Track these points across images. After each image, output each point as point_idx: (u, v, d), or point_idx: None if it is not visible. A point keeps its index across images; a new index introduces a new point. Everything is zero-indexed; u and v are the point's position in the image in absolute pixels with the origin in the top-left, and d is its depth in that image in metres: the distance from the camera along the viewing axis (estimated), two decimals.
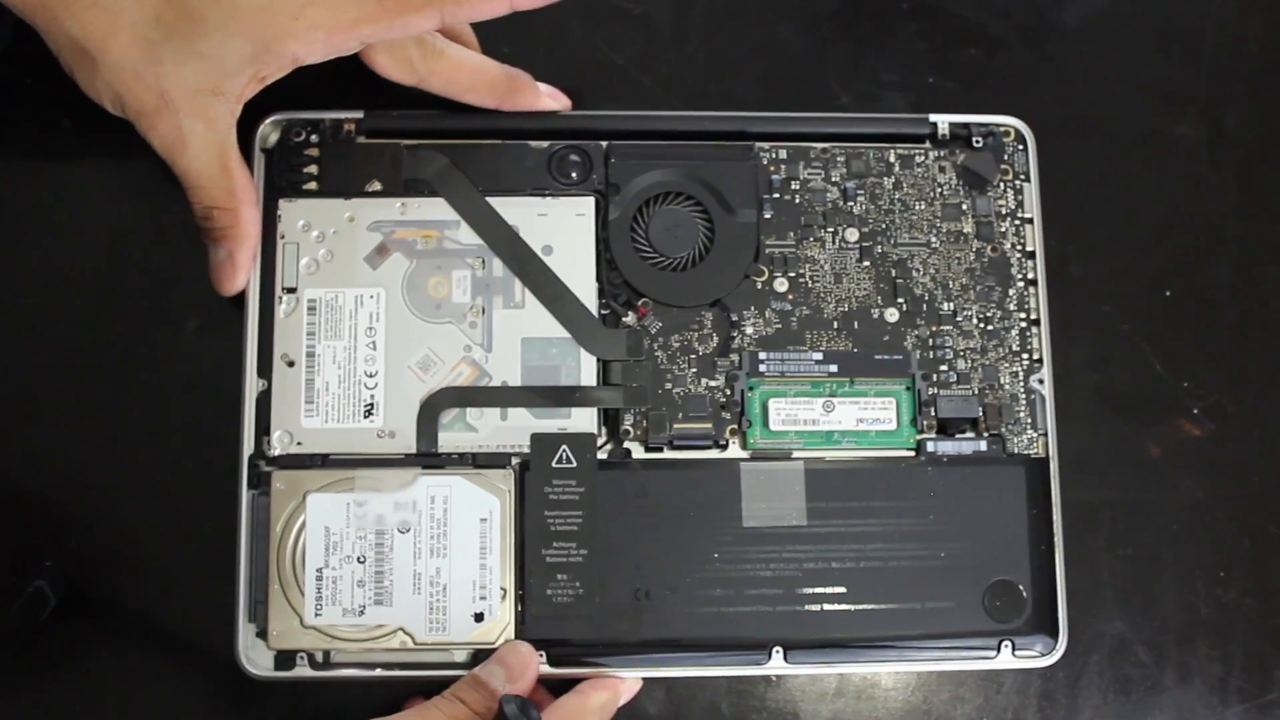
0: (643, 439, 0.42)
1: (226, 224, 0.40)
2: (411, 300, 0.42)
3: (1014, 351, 0.43)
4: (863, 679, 0.43)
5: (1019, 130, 0.45)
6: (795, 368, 0.43)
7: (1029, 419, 0.43)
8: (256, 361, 0.41)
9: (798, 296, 0.43)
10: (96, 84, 0.38)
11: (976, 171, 0.44)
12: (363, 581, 0.40)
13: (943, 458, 0.42)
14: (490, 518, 0.41)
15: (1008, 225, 0.44)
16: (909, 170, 0.44)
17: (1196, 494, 0.45)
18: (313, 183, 0.43)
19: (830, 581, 0.41)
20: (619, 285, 0.43)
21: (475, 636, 0.40)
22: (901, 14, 0.48)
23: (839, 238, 0.44)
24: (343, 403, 0.41)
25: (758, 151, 0.44)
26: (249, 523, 0.40)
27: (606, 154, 0.43)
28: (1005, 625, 0.41)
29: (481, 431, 0.41)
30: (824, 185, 0.44)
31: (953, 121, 0.45)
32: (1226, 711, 0.44)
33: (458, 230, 0.43)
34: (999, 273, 0.44)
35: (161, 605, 0.42)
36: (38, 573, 0.41)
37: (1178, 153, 0.48)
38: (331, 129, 0.43)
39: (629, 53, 0.47)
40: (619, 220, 0.43)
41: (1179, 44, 0.48)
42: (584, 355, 0.42)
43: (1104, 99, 0.48)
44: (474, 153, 0.43)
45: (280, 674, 0.40)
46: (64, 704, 0.41)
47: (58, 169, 0.44)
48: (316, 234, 0.42)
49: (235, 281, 0.41)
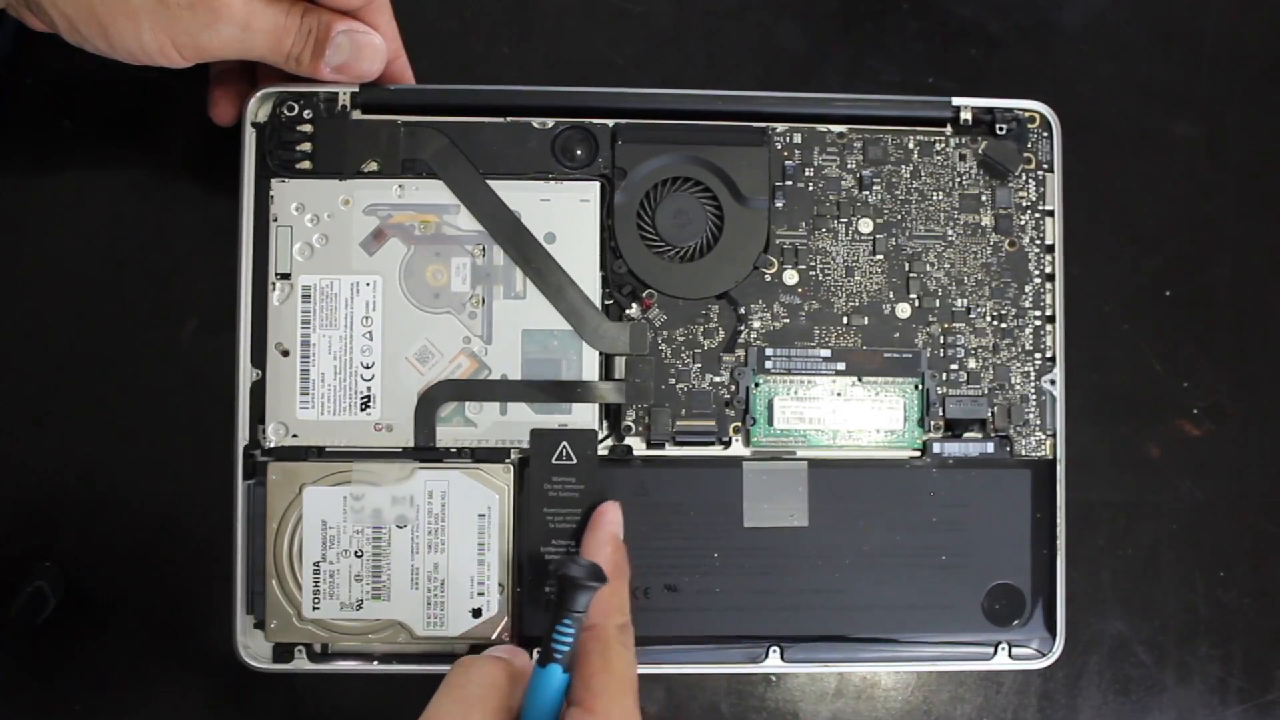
0: (644, 435, 0.41)
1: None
2: (409, 288, 0.41)
3: (1026, 351, 0.42)
4: (863, 679, 0.44)
5: (1044, 116, 0.43)
6: (802, 365, 0.42)
7: (1038, 420, 0.42)
8: (250, 350, 0.40)
9: (808, 290, 0.42)
10: (142, 25, 0.36)
11: (998, 160, 0.42)
12: (360, 576, 0.40)
13: (948, 460, 0.42)
14: (489, 513, 0.40)
15: (1027, 218, 0.43)
16: (928, 158, 0.42)
17: (1196, 494, 0.45)
18: (306, 161, 0.41)
19: (830, 584, 0.41)
20: (623, 275, 0.42)
21: (473, 631, 0.40)
22: (901, 14, 0.46)
23: (852, 229, 0.42)
24: (339, 394, 0.40)
25: (771, 136, 0.42)
26: (245, 513, 0.40)
27: (613, 135, 0.42)
28: (1004, 628, 0.41)
29: (480, 426, 0.41)
30: (839, 173, 0.42)
31: (976, 105, 0.43)
32: (1226, 711, 0.44)
33: (457, 215, 0.41)
34: (1015, 268, 0.42)
35: (161, 603, 0.42)
36: (38, 573, 0.41)
37: (1178, 153, 0.47)
38: (325, 103, 0.41)
39: (629, 53, 0.45)
40: (624, 206, 0.42)
41: (1179, 44, 0.47)
42: (586, 348, 0.41)
43: (1104, 99, 0.47)
44: (475, 132, 0.41)
45: (278, 666, 0.40)
46: (64, 703, 0.42)
47: (58, 169, 0.44)
48: (310, 217, 0.41)
49: (380, 60, 0.40)
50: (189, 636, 0.42)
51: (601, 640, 0.35)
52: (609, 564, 0.37)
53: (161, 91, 0.44)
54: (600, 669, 0.35)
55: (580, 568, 0.35)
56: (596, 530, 0.39)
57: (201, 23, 0.36)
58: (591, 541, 0.39)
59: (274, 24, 0.38)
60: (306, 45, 0.39)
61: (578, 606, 0.35)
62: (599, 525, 0.39)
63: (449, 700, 0.34)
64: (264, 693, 0.42)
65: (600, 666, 0.35)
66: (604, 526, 0.39)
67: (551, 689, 0.34)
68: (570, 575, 0.35)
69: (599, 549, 0.38)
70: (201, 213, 0.43)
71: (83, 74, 0.43)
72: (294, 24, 0.38)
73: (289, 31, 0.38)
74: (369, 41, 0.39)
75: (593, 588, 0.35)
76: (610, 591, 0.36)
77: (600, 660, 0.35)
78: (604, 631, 0.36)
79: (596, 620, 0.36)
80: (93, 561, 0.42)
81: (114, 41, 0.36)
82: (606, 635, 0.36)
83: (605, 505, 0.40)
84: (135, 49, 0.37)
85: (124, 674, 0.42)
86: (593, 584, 0.35)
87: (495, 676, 0.35)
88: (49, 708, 0.41)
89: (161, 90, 0.44)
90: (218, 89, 0.42)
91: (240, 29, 0.37)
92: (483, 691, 0.34)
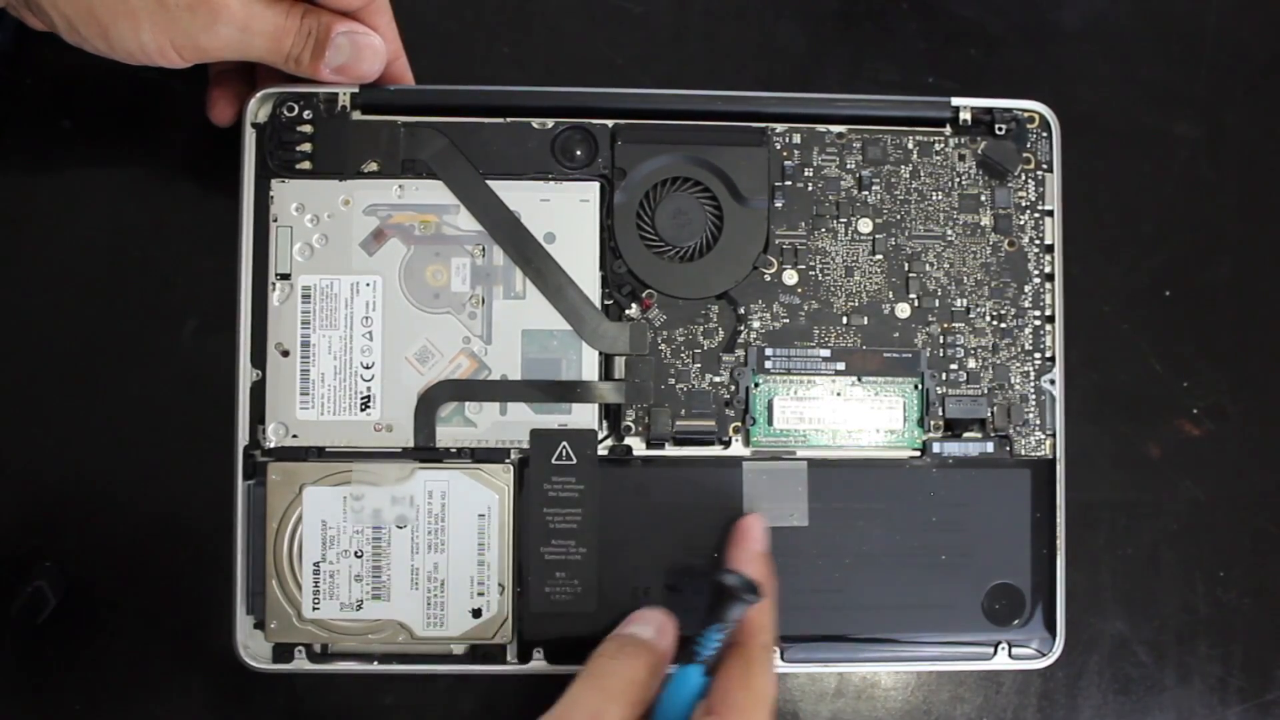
0: (644, 435, 0.41)
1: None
2: (409, 289, 0.41)
3: (1025, 351, 0.42)
4: (863, 679, 0.44)
5: (1044, 116, 0.43)
6: (801, 365, 0.42)
7: (1038, 420, 0.42)
8: (250, 350, 0.40)
9: (807, 290, 0.42)
10: (141, 26, 0.36)
11: (997, 160, 0.42)
12: (360, 576, 0.40)
13: (948, 460, 0.42)
14: (488, 514, 0.40)
15: (1026, 218, 0.43)
16: (927, 158, 0.42)
17: (1196, 494, 0.45)
18: (306, 162, 0.41)
19: (830, 583, 0.41)
20: (623, 275, 0.42)
21: (473, 632, 0.40)
22: (901, 14, 0.46)
23: (851, 229, 0.42)
24: (339, 394, 0.40)
25: (771, 136, 0.42)
26: (245, 513, 0.40)
27: (613, 135, 0.42)
28: (1004, 628, 0.41)
29: (480, 426, 0.41)
30: (839, 173, 0.42)
31: (975, 105, 0.43)
32: (1226, 711, 0.44)
33: (457, 215, 0.41)
34: (1015, 268, 0.42)
35: (161, 603, 0.42)
36: (38, 573, 0.41)
37: (1178, 153, 0.47)
38: (325, 104, 0.41)
39: (629, 53, 0.45)
40: (624, 207, 0.42)
41: (1179, 44, 0.47)
42: (585, 348, 0.41)
43: (1104, 99, 0.47)
44: (475, 132, 0.41)
45: (278, 666, 0.40)
46: (64, 703, 0.42)
47: (58, 169, 0.44)
48: (310, 217, 0.41)
49: (380, 61, 0.40)
50: (189, 636, 0.42)
51: (745, 657, 0.36)
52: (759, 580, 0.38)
53: (161, 91, 0.44)
54: (740, 684, 0.35)
55: (740, 580, 0.36)
56: (744, 545, 0.39)
57: (201, 24, 0.36)
58: (740, 555, 0.39)
59: (273, 25, 0.38)
60: (306, 46, 0.39)
61: (731, 617, 0.36)
62: (747, 540, 0.39)
63: (588, 690, 0.35)
64: (264, 693, 0.42)
65: (741, 682, 0.35)
66: (752, 541, 0.39)
67: (689, 690, 0.35)
68: (729, 585, 0.36)
69: (748, 564, 0.38)
70: (201, 213, 0.43)
71: (83, 74, 0.43)
72: (294, 25, 0.38)
73: (289, 33, 0.38)
74: (369, 43, 0.39)
75: (749, 601, 0.36)
76: (759, 610, 0.37)
77: (742, 676, 0.36)
78: (751, 649, 0.36)
79: (745, 637, 0.37)
80: (93, 561, 0.42)
81: (113, 42, 0.36)
82: (751, 653, 0.36)
83: (751, 519, 0.40)
84: (134, 49, 0.37)
85: (124, 674, 0.42)
86: (750, 598, 0.36)
87: (637, 672, 0.35)
88: (49, 708, 0.41)
89: (161, 90, 0.44)
90: (216, 89, 0.42)
91: (239, 30, 0.37)
92: (622, 686, 0.35)
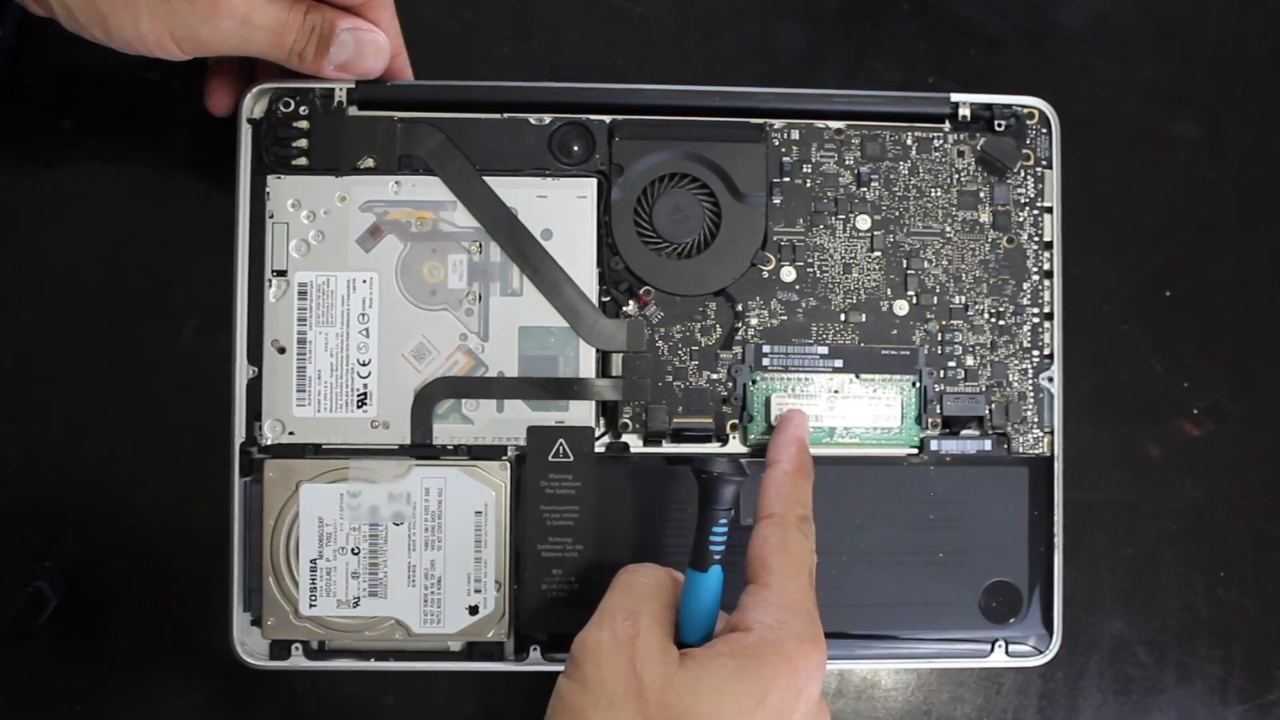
0: (641, 432, 0.41)
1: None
2: (406, 285, 0.41)
3: (1024, 348, 0.42)
4: (863, 679, 0.43)
5: (1043, 112, 0.43)
6: (799, 362, 0.42)
7: (1036, 418, 0.42)
8: (246, 347, 0.40)
9: (805, 287, 0.42)
10: (140, 16, 0.36)
11: (996, 157, 0.42)
12: (357, 573, 0.40)
13: (946, 457, 0.42)
14: (485, 511, 0.40)
15: (1025, 214, 0.42)
16: (926, 154, 0.42)
17: (1196, 494, 0.45)
18: (302, 158, 0.41)
19: (828, 581, 0.40)
20: (620, 272, 0.41)
21: (470, 629, 0.40)
22: (901, 14, 0.46)
23: (850, 225, 0.42)
24: (335, 392, 0.40)
25: (769, 133, 0.42)
26: (242, 510, 0.40)
27: (610, 131, 0.41)
28: (1001, 625, 0.41)
29: (477, 423, 0.41)
30: (837, 169, 0.42)
31: (974, 102, 0.43)
32: (1226, 711, 0.44)
33: (454, 212, 0.41)
34: (1013, 265, 0.42)
35: (161, 602, 0.42)
36: (38, 573, 0.41)
37: (1178, 153, 0.47)
38: (322, 99, 0.41)
39: (629, 53, 0.45)
40: (621, 203, 0.41)
41: (1179, 44, 0.47)
42: (583, 345, 0.41)
43: (1104, 99, 0.47)
44: (472, 128, 0.41)
45: (275, 664, 0.40)
46: (64, 703, 0.42)
47: (58, 169, 0.44)
48: (306, 214, 0.41)
49: (384, 58, 0.40)
50: (189, 636, 0.42)
51: (781, 526, 0.36)
52: (794, 463, 0.38)
53: (162, 90, 0.44)
54: (778, 549, 0.36)
55: (720, 462, 0.36)
56: (783, 432, 0.39)
57: (201, 16, 0.36)
58: (778, 442, 0.39)
59: (275, 20, 0.38)
60: (310, 42, 0.38)
61: (724, 503, 0.35)
62: (785, 428, 0.40)
63: (621, 594, 0.35)
64: (263, 691, 0.42)
65: (778, 547, 0.36)
66: (790, 429, 0.39)
67: (711, 589, 0.35)
68: (712, 471, 0.35)
69: (784, 449, 0.39)
70: (202, 212, 0.43)
71: (83, 73, 0.44)
72: (296, 21, 0.38)
73: (291, 28, 0.38)
74: (373, 39, 0.39)
75: (737, 481, 0.35)
76: (794, 486, 0.37)
77: (779, 542, 0.36)
78: (785, 519, 0.36)
79: (778, 510, 0.37)
80: (93, 561, 0.42)
81: (112, 31, 0.36)
82: (786, 522, 0.36)
83: (793, 411, 0.40)
84: (133, 39, 0.37)
85: (124, 674, 0.42)
86: (737, 477, 0.35)
87: (661, 577, 0.36)
88: (49, 708, 0.41)
89: (162, 89, 0.44)
90: (215, 78, 0.42)
91: (240, 24, 0.37)
92: (652, 588, 0.35)
